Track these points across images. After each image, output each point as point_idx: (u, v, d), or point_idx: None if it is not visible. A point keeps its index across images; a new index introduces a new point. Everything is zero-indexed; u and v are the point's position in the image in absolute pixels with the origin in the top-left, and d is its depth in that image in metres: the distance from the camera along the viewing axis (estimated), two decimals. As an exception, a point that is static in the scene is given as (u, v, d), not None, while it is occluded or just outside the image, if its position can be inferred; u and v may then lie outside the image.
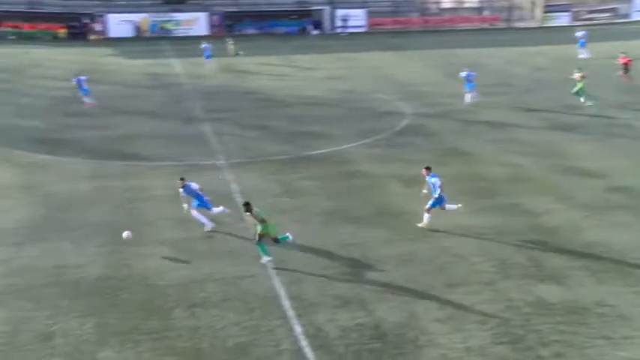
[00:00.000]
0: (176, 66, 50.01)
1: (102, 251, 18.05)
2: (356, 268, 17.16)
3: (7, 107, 36.04)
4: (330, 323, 14.52)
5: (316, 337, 14.02)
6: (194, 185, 19.37)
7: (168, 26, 67.79)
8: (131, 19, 67.16)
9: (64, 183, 23.63)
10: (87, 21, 66.65)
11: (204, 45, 49.16)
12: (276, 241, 17.37)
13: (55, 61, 52.40)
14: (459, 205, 19.76)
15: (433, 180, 19.23)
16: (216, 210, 19.55)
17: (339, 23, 72.07)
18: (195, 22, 68.39)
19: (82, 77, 35.96)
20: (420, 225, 19.48)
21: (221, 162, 26.06)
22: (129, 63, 51.99)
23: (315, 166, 25.70)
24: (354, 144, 28.74)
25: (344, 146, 28.40)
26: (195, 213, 19.33)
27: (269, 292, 15.87)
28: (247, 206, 17.20)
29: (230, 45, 52.90)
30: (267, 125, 32.33)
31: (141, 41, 64.57)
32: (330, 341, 13.88)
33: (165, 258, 17.68)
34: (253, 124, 32.69)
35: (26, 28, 65.11)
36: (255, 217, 17.07)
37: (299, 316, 14.80)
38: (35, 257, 17.65)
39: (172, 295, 15.72)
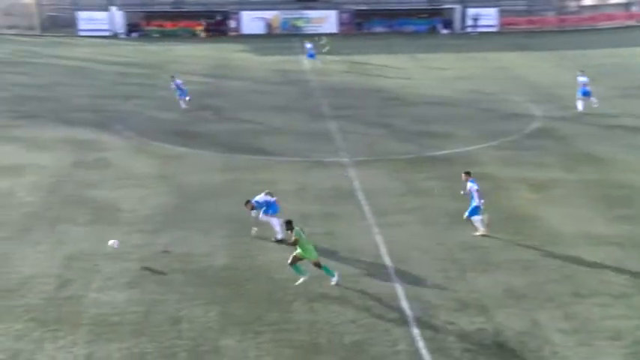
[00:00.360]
0: (304, 63, 50.87)
1: (228, 242, 18.72)
2: (477, 271, 16.80)
3: (148, 101, 38.08)
4: (448, 326, 14.31)
5: (434, 339, 13.87)
6: (260, 197, 18.92)
7: (299, 23, 69.03)
8: (263, 16, 69.00)
9: (196, 174, 24.68)
10: (218, 19, 69.04)
11: (307, 45, 49.51)
12: (317, 265, 15.97)
13: (193, 57, 54.80)
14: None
15: (469, 185, 18.73)
16: (277, 224, 18.84)
17: (469, 22, 70.57)
18: (325, 20, 69.21)
19: (179, 81, 35.74)
20: (477, 234, 18.81)
21: (345, 159, 26.29)
22: (259, 59, 53.44)
23: (439, 167, 25.37)
24: (481, 145, 28.10)
25: (470, 147, 27.84)
26: (263, 217, 18.94)
27: (387, 292, 15.85)
28: (289, 224, 16.13)
29: (322, 43, 52.87)
30: (393, 124, 32.27)
31: (272, 38, 66.23)
32: (448, 344, 13.68)
33: (287, 252, 18.05)
34: (378, 122, 32.73)
35: (169, 26, 68.63)
36: (295, 236, 15.81)
37: (417, 317, 14.69)
38: (167, 244, 18.55)
39: (292, 288, 16.03)
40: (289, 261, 16.00)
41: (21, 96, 38.64)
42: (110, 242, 17.82)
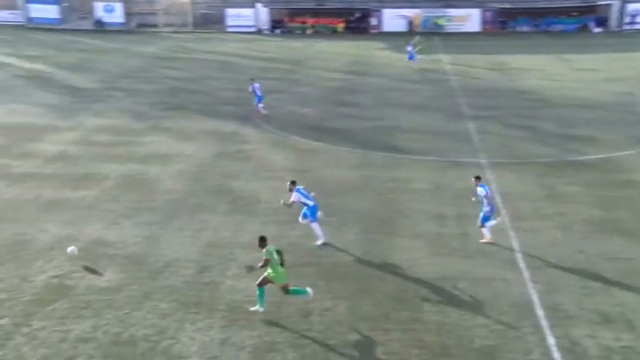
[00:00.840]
0: (445, 61, 50.18)
1: (360, 238, 18.84)
2: (623, 284, 15.85)
3: (287, 96, 39.03)
4: (588, 339, 13.63)
5: (571, 351, 13.27)
6: (303, 191, 18.46)
7: (441, 22, 68.10)
8: (405, 14, 68.69)
9: (331, 169, 25.04)
10: (356, 15, 69.38)
11: (409, 47, 48.46)
12: (286, 291, 14.82)
13: (332, 53, 55.52)
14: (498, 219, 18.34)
15: (479, 190, 18.00)
16: (316, 227, 18.48)
17: (627, 19, 66.15)
18: (468, 19, 67.79)
19: (257, 84, 33.81)
20: (482, 241, 18.13)
21: (483, 161, 25.67)
22: (398, 57, 53.17)
23: (582, 172, 24.20)
24: (630, 152, 26.50)
25: (617, 153, 26.32)
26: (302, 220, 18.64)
27: (521, 298, 15.35)
28: (262, 242, 14.75)
29: (416, 42, 51.22)
30: (533, 126, 31.12)
31: (412, 36, 65.77)
32: (588, 359, 13.03)
33: (419, 251, 17.95)
34: (519, 123, 31.69)
35: (311, 23, 70.05)
36: (265, 256, 14.54)
37: (553, 326, 14.11)
38: (300, 236, 18.95)
39: (423, 288, 15.90)
40: (258, 281, 14.83)
41: (173, 89, 40.85)
42: (69, 249, 17.55)
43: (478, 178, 18.55)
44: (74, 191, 22.71)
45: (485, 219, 18.19)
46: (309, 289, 15.10)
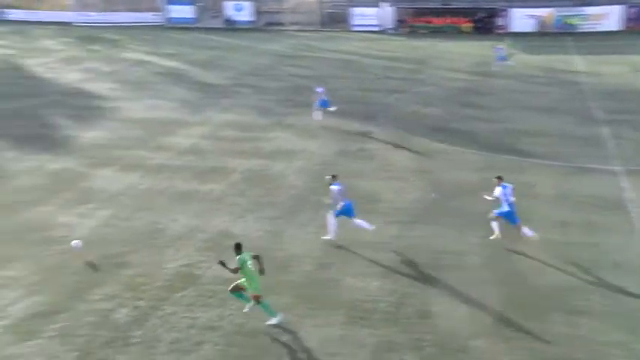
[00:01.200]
0: (577, 63, 48.06)
1: (483, 242, 18.44)
2: None
3: (410, 95, 38.72)
4: None
5: None
6: (337, 188, 18.37)
7: (574, 21, 65.28)
8: (535, 13, 66.42)
9: (454, 171, 24.65)
10: (480, 15, 67.76)
11: (498, 47, 46.26)
12: (256, 299, 14.34)
13: (457, 53, 54.54)
14: (534, 234, 17.51)
15: (500, 190, 17.63)
16: (359, 222, 18.48)
17: None
18: (606, 17, 64.48)
19: (321, 89, 32.33)
20: (492, 237, 17.71)
21: (617, 167, 24.42)
22: (527, 58, 51.51)
23: None
24: None
25: None
26: (329, 218, 18.51)
27: (659, 316, 14.51)
28: (237, 249, 14.39)
29: (505, 46, 48.51)
30: (676, 132, 29.27)
31: (543, 36, 63.54)
32: None
33: (544, 259, 17.34)
34: (659, 129, 29.91)
35: (436, 22, 69.29)
36: (239, 261, 14.20)
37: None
38: (420, 237, 18.83)
39: (550, 298, 15.36)
40: (230, 287, 14.67)
41: (298, 86, 41.58)
42: (73, 243, 17.90)
43: (500, 178, 18.24)
44: (202, 184, 23.64)
45: (503, 214, 18.00)
46: (278, 317, 14.51)
